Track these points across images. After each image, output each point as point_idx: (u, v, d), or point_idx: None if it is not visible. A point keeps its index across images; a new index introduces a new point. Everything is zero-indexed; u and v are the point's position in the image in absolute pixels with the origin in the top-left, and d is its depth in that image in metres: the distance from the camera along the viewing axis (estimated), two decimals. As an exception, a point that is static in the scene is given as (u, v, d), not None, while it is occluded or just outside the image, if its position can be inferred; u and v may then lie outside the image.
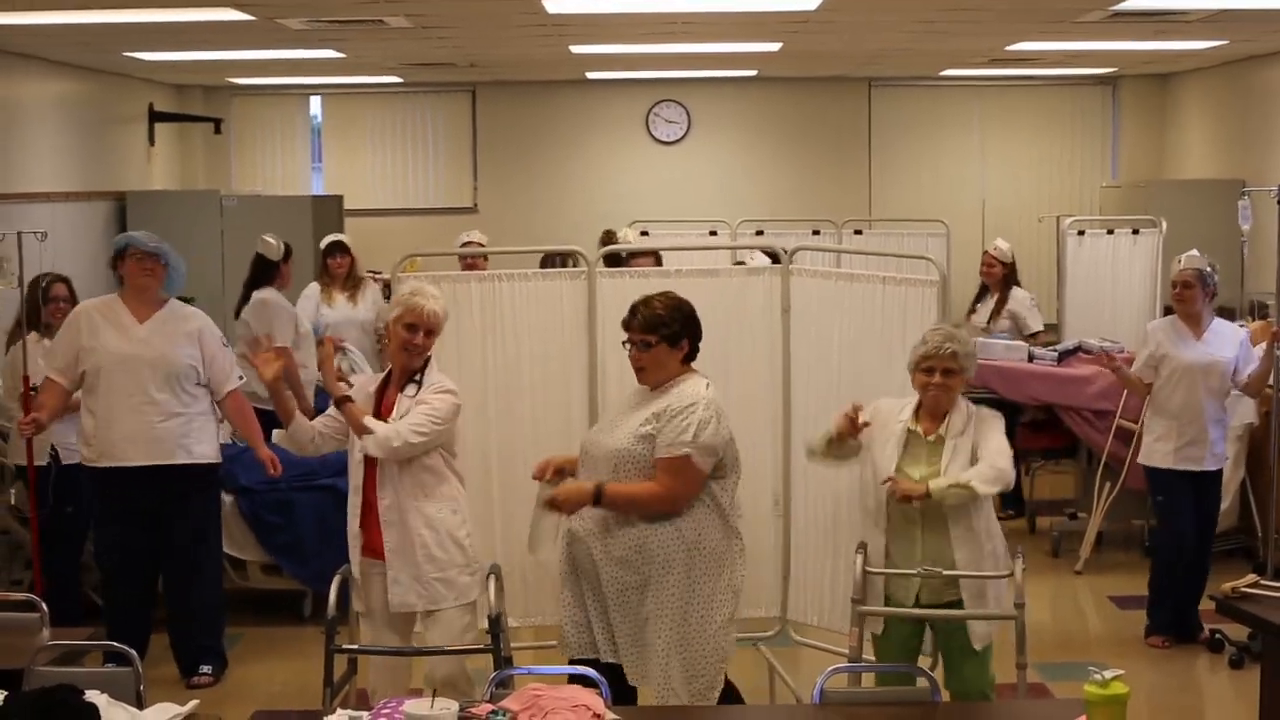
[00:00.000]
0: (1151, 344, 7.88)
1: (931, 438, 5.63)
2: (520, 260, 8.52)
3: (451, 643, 5.64)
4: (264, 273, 9.22)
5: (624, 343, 5.62)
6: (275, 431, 7.17)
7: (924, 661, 5.78)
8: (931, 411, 5.66)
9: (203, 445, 7.23)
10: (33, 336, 7.71)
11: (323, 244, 10.28)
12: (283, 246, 9.25)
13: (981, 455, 5.55)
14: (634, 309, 5.60)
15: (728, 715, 5.35)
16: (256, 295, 9.13)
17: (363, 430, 5.61)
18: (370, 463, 5.68)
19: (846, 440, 5.68)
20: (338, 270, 10.13)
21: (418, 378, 5.76)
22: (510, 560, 6.22)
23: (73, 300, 7.82)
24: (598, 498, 5.39)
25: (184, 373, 7.14)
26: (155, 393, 7.06)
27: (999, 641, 5.72)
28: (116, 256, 7.26)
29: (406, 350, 5.72)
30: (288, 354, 6.13)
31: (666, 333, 5.56)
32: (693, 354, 5.61)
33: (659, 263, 8.35)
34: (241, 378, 7.42)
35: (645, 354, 5.55)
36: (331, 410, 5.84)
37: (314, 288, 10.13)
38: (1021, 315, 10.39)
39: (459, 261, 9.57)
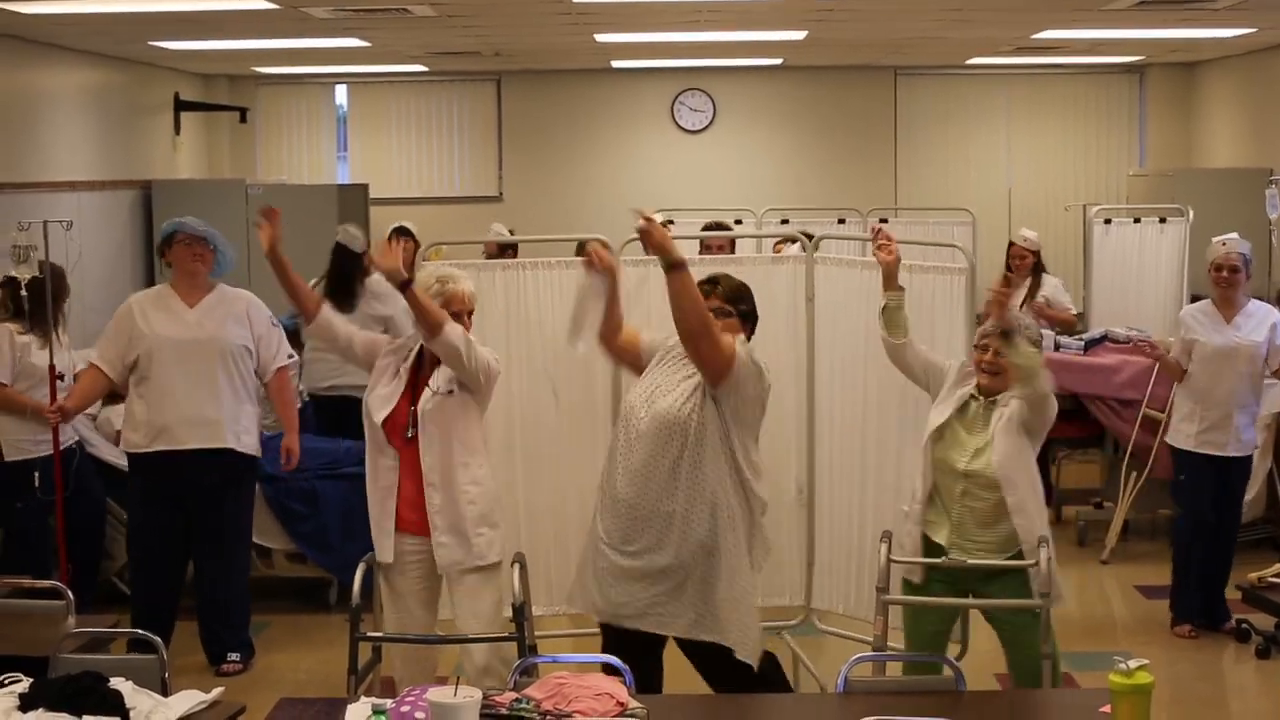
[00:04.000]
0: (1183, 330, 7.86)
1: (990, 402, 5.67)
2: (546, 248, 8.53)
3: (482, 619, 5.69)
4: (353, 263, 9.12)
5: None
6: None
7: (952, 650, 5.78)
8: (988, 391, 5.69)
9: (250, 436, 7.31)
10: (15, 327, 7.72)
11: (388, 231, 10.29)
12: (364, 238, 9.25)
13: None
14: (713, 279, 5.64)
15: (752, 703, 5.34)
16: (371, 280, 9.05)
17: (430, 315, 5.55)
18: (407, 441, 5.70)
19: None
20: (403, 256, 10.08)
21: None
22: (535, 549, 6.22)
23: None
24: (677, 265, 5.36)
25: (237, 353, 7.20)
26: (209, 376, 7.12)
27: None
28: (164, 243, 7.28)
29: None
30: (274, 217, 5.90)
31: (744, 309, 5.63)
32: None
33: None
34: (291, 356, 7.48)
35: (725, 320, 5.55)
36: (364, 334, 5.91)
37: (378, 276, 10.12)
38: (1057, 300, 10.35)
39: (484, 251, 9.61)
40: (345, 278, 9.15)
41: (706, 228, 9.98)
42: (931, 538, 5.68)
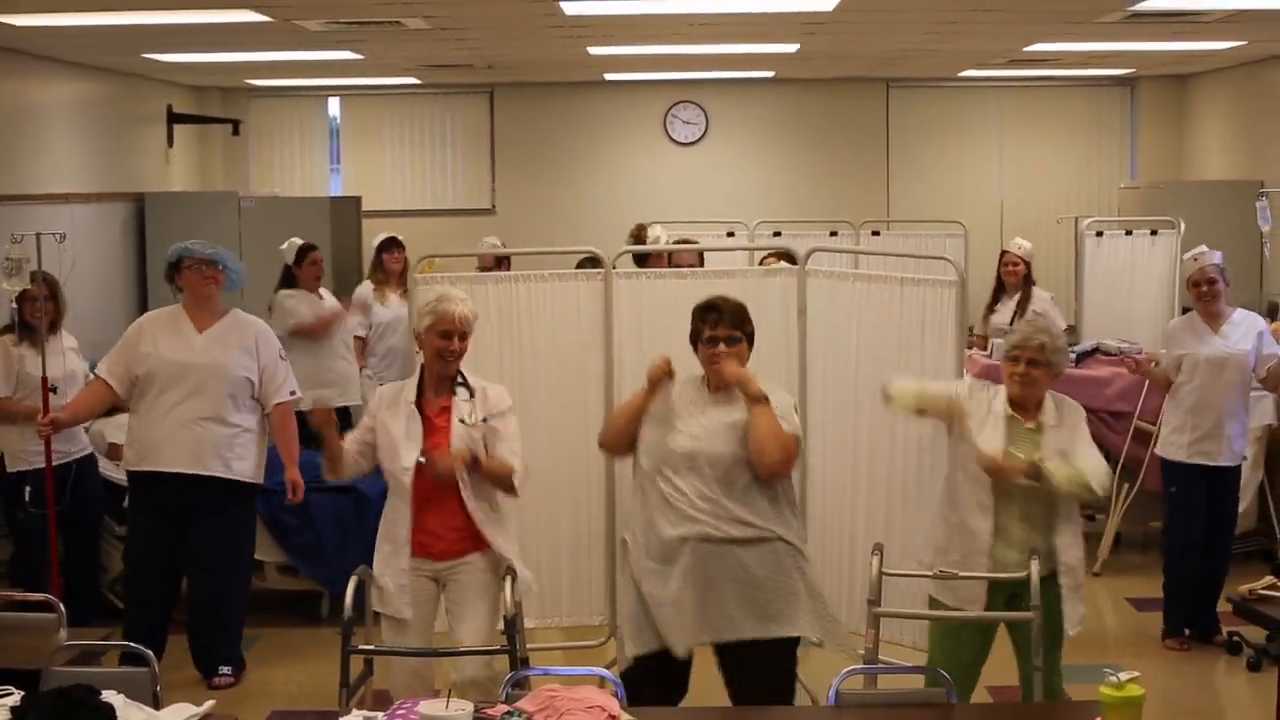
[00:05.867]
0: (1172, 345, 7.86)
1: (1030, 425, 5.62)
2: (539, 261, 8.53)
3: (485, 638, 5.67)
4: (284, 276, 9.49)
5: (706, 339, 5.55)
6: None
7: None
8: (1020, 401, 5.65)
9: (244, 463, 7.21)
10: (10, 338, 7.76)
11: (376, 241, 10.29)
12: (294, 251, 9.40)
13: (1078, 456, 5.53)
14: (715, 306, 5.57)
15: (744, 717, 5.34)
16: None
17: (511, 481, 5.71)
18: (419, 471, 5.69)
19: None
20: (394, 266, 10.15)
21: (460, 379, 5.76)
22: (526, 562, 6.22)
23: (53, 298, 7.81)
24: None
25: (236, 384, 7.14)
26: (203, 402, 7.07)
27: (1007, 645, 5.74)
28: (172, 268, 7.26)
29: (443, 358, 5.71)
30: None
31: (750, 329, 5.60)
32: None
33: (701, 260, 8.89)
34: (294, 393, 7.40)
35: (735, 348, 5.52)
36: (358, 432, 5.85)
37: (367, 286, 10.12)
38: (1050, 315, 10.35)
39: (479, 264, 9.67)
40: (285, 284, 9.58)
41: (636, 236, 10.11)
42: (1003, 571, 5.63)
